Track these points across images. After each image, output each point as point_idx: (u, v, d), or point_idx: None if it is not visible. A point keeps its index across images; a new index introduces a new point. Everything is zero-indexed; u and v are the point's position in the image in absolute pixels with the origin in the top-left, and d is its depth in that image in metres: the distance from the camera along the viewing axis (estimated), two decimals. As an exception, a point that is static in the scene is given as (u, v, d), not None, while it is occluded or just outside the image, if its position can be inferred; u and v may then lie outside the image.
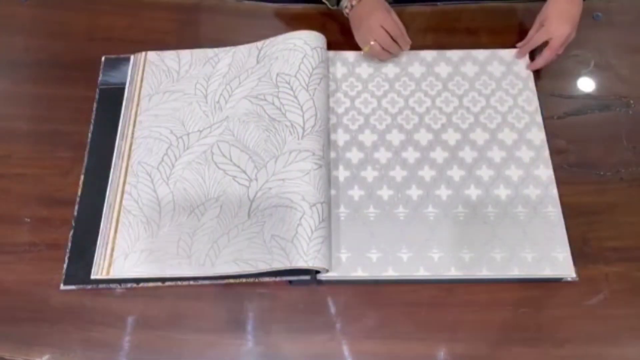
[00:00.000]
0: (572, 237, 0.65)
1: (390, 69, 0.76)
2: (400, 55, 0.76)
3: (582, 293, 0.63)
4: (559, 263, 0.63)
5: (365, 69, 0.76)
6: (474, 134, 0.71)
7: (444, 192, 0.67)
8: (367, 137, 0.71)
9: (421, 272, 0.63)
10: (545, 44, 0.72)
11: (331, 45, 0.77)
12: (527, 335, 0.61)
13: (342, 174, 0.69)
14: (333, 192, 0.68)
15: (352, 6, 0.74)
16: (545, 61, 0.73)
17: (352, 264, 0.63)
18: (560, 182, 0.68)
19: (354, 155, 0.70)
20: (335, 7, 0.77)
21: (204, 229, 0.65)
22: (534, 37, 0.73)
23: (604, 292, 0.63)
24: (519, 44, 0.76)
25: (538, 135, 0.71)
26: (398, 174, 0.69)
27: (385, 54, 0.74)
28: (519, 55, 0.76)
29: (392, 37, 0.72)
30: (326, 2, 0.78)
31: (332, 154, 0.70)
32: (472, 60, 0.76)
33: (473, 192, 0.67)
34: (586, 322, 0.62)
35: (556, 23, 0.70)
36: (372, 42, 0.73)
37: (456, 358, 0.60)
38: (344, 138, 0.71)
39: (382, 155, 0.70)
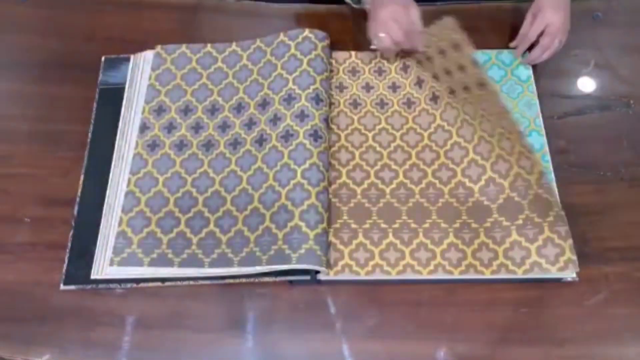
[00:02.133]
0: (572, 237, 0.64)
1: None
2: (399, 58, 0.76)
3: (582, 293, 0.63)
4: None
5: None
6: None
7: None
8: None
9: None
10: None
11: (331, 46, 0.76)
12: (527, 335, 0.61)
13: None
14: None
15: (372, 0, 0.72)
16: (542, 50, 0.72)
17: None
18: (560, 182, 0.68)
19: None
20: (358, 5, 0.77)
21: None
22: (531, 30, 0.72)
23: (604, 292, 0.63)
24: (512, 44, 0.76)
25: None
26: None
27: (392, 50, 0.72)
28: (516, 54, 0.75)
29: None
30: (349, 2, 0.77)
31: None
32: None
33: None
34: (586, 322, 0.62)
35: (550, 11, 0.70)
36: (381, 35, 0.70)
37: (456, 358, 0.60)
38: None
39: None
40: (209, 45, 0.77)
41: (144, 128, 0.71)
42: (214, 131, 0.71)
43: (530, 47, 0.74)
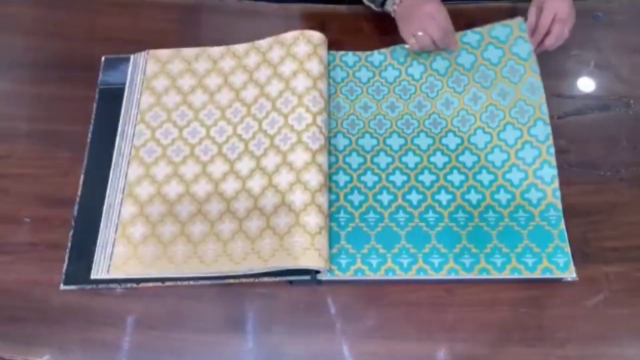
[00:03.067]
0: (572, 237, 0.65)
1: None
2: (399, 56, 0.76)
3: (582, 293, 0.63)
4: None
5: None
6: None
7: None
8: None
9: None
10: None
11: (331, 46, 0.77)
12: (527, 335, 0.61)
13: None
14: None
15: (400, 1, 0.71)
16: (556, 37, 0.70)
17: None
18: (560, 182, 0.68)
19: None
20: (380, 9, 0.75)
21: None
22: (542, 21, 0.70)
23: (604, 292, 0.63)
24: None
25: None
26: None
27: (432, 47, 0.70)
28: (534, 49, 0.72)
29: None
30: (370, 4, 0.76)
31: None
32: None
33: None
34: (586, 322, 0.62)
35: (556, 0, 0.69)
36: (419, 33, 0.69)
37: (456, 358, 0.60)
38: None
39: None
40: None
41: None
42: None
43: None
